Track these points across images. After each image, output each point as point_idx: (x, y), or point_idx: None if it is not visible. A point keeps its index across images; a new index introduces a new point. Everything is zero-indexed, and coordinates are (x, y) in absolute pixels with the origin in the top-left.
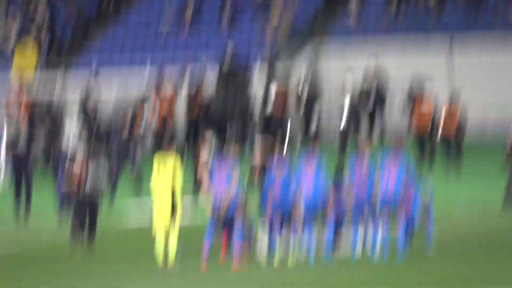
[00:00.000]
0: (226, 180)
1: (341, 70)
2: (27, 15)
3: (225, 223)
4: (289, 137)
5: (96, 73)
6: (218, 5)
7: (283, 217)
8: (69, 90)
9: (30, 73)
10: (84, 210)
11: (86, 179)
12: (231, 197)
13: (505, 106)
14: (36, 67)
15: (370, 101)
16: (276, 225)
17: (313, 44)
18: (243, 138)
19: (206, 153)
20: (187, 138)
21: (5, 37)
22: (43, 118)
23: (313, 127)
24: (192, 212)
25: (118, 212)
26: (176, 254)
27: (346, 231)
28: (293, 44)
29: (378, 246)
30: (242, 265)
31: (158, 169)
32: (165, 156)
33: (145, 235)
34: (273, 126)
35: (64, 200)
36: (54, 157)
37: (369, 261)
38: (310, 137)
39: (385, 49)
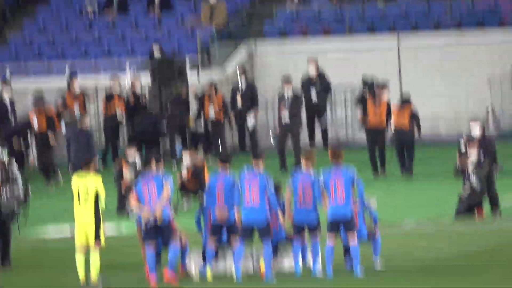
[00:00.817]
0: (156, 196)
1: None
2: None
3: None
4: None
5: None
6: None
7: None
8: None
9: None
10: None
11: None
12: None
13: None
14: None
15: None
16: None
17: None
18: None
19: (129, 173)
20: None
21: None
22: None
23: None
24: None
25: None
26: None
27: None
28: (226, 47)
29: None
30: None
31: (78, 192)
32: (85, 177)
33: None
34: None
35: None
36: None
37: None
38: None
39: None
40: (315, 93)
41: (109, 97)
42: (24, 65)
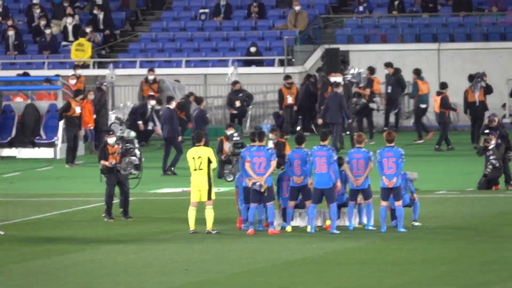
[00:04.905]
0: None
1: None
2: None
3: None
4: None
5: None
6: None
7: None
8: None
9: None
10: None
11: None
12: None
13: None
14: None
15: None
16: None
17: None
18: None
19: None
20: None
21: None
22: None
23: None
24: None
25: None
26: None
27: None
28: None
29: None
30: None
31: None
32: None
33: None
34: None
35: None
36: None
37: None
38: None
39: None
40: (390, 88)
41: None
42: (150, 57)
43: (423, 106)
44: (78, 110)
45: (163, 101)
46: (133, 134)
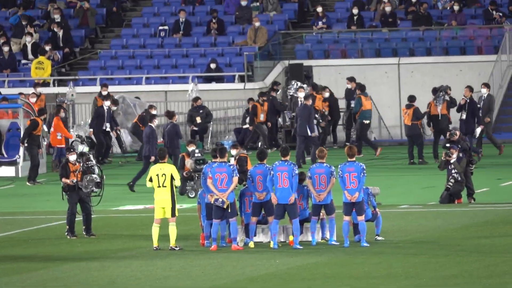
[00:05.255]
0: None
1: None
2: None
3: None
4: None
5: None
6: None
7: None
8: None
9: None
10: None
11: None
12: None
13: None
14: None
15: None
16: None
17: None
18: None
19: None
20: None
21: None
22: None
23: None
24: None
25: None
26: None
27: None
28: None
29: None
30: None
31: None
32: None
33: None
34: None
35: None
36: None
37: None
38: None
39: None
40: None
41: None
42: (110, 74)
43: (366, 122)
44: (44, 128)
45: (118, 102)
46: (86, 148)
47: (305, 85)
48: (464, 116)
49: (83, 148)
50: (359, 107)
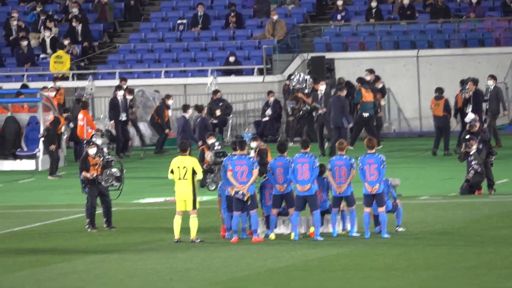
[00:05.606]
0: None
1: None
2: None
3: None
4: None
5: None
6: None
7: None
8: None
9: None
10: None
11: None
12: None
13: None
14: None
15: None
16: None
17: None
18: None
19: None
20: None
21: None
22: None
23: None
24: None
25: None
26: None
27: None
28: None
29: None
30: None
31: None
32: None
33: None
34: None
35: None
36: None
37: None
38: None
39: None
40: None
41: None
42: (129, 68)
43: (365, 114)
44: (69, 126)
45: (133, 90)
46: (99, 141)
47: (307, 77)
48: (469, 110)
49: (103, 141)
50: (360, 99)
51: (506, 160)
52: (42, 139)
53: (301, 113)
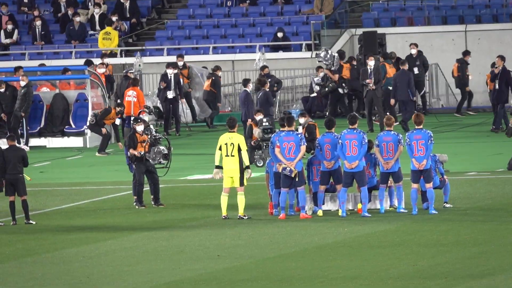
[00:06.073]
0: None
1: None
2: None
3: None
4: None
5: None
6: None
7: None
8: None
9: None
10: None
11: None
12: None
13: None
14: None
15: None
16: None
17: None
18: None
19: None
20: None
21: None
22: None
23: None
24: None
25: None
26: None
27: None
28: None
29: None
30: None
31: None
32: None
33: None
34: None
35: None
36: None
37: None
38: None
39: None
40: (417, 69)
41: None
42: (178, 44)
43: (391, 88)
44: (117, 121)
45: (177, 64)
46: (147, 117)
47: (335, 53)
48: (497, 86)
49: (151, 118)
50: (384, 75)
51: None
52: (88, 125)
53: (326, 89)
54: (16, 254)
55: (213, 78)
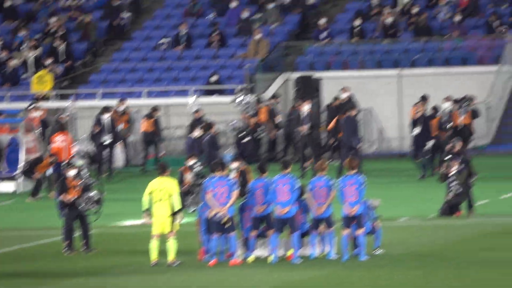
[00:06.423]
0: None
1: None
2: None
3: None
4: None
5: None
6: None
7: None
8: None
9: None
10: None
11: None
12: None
13: None
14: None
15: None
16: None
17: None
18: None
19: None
20: None
21: None
22: None
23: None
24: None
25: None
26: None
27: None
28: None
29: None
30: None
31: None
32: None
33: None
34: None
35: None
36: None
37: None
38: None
39: None
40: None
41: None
42: (112, 88)
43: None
44: (49, 171)
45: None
46: (79, 162)
47: (252, 97)
48: (418, 130)
49: (83, 163)
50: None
51: (487, 181)
52: (20, 171)
53: (243, 134)
54: None
55: (154, 118)
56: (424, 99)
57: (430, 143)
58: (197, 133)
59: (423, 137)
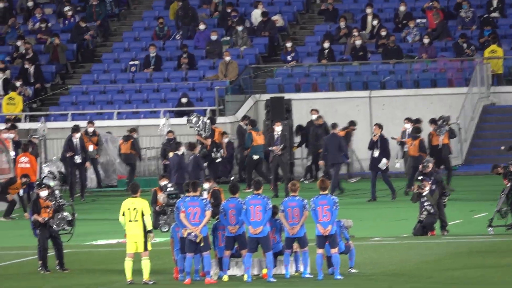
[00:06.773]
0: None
1: None
2: None
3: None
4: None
5: None
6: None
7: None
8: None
9: None
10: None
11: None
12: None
13: None
14: None
15: None
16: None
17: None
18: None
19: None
20: None
21: None
22: None
23: None
24: None
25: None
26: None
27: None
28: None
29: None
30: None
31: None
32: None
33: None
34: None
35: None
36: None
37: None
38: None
39: None
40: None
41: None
42: (82, 109)
43: (255, 157)
44: (21, 192)
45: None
46: (52, 182)
47: (206, 119)
48: (376, 154)
49: (55, 184)
50: (250, 143)
51: (459, 201)
52: None
53: (211, 154)
54: None
55: (132, 140)
56: (379, 126)
57: (383, 161)
58: (182, 150)
59: (379, 160)
